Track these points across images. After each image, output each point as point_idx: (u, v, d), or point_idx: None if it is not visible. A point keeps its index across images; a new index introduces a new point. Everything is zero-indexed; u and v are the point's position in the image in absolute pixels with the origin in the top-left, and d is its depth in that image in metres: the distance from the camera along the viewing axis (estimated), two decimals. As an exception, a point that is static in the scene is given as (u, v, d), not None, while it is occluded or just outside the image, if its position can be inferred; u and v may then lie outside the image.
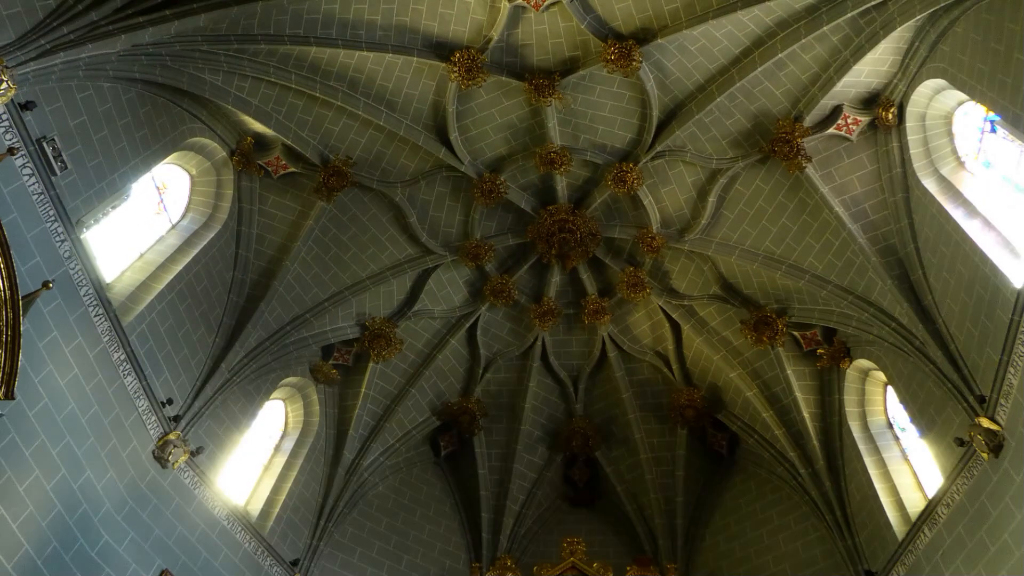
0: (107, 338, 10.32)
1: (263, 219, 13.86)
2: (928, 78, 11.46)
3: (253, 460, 14.15)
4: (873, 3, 11.07)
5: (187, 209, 13.19)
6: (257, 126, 13.22)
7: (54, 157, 9.57)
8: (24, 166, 9.12)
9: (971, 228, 10.84)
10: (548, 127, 14.29)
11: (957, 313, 11.09)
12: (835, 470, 13.86)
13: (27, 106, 9.11)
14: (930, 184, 11.81)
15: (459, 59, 13.15)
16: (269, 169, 13.74)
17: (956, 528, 10.57)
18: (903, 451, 13.22)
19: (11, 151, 8.47)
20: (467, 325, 16.32)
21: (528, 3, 12.71)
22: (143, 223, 12.26)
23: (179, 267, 12.11)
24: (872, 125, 12.65)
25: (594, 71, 13.53)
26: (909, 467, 12.95)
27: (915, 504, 12.29)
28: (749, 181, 14.23)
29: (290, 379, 14.77)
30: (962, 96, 11.28)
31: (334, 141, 13.93)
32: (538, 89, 13.61)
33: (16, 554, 8.55)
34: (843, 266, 13.24)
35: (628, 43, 12.88)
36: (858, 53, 11.86)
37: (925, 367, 11.58)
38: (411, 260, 15.41)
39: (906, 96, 12.00)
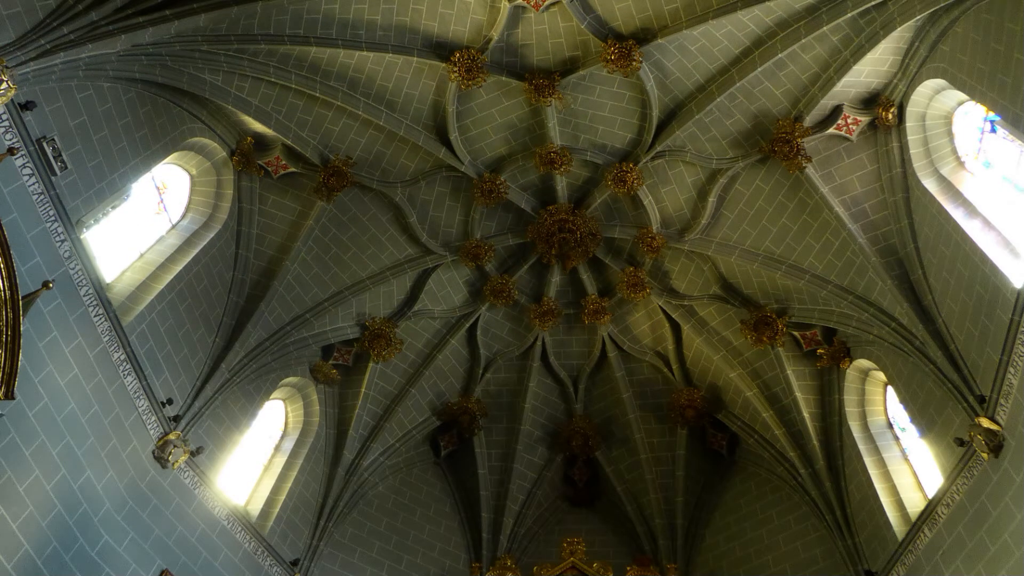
0: (107, 338, 10.32)
1: (263, 219, 13.87)
2: (928, 78, 11.46)
3: (253, 460, 14.15)
4: (873, 3, 11.07)
5: (187, 209, 13.19)
6: (257, 126, 13.22)
7: (54, 157, 9.57)
8: (24, 166, 9.12)
9: (971, 228, 10.84)
10: (548, 127, 14.29)
11: (957, 313, 11.09)
12: (835, 470, 13.86)
13: (27, 106, 9.11)
14: (930, 184, 11.82)
15: (459, 59, 13.16)
16: (269, 169, 13.75)
17: (956, 528, 10.57)
18: (903, 451, 13.22)
19: (11, 151, 8.48)
20: (467, 325, 16.33)
21: (528, 3, 12.71)
22: (143, 223, 12.26)
23: (179, 267, 12.12)
24: (872, 125, 12.66)
25: (594, 71, 13.54)
26: (909, 467, 12.95)
27: (915, 504, 12.29)
28: (749, 181, 14.23)
29: (290, 379, 14.77)
30: (962, 96, 11.28)
31: (334, 141, 13.93)
32: (538, 89, 13.61)
33: (16, 554, 8.56)
34: (843, 266, 13.25)
35: (628, 43, 12.88)
36: (858, 53, 11.86)
37: (925, 367, 11.58)
38: (411, 260, 15.42)
39: (906, 96, 12.01)
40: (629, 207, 15.39)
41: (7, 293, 7.78)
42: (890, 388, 13.38)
